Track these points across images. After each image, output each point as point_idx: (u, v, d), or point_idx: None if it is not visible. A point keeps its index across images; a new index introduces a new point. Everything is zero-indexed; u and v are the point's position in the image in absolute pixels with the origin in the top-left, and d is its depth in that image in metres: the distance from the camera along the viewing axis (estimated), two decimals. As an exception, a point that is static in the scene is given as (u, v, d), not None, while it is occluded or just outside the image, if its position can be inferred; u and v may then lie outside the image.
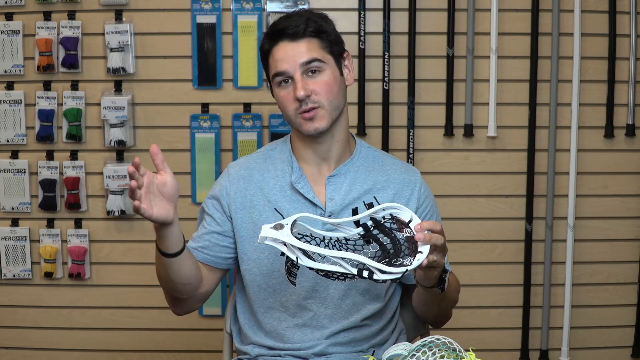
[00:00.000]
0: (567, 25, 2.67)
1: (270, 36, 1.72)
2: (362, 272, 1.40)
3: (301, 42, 1.69)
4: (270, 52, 1.72)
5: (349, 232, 1.52)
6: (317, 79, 1.69)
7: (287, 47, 1.69)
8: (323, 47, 1.71)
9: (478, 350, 1.43)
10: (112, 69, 2.65)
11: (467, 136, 2.71)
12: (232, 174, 1.80)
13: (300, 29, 1.69)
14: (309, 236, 1.50)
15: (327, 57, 1.71)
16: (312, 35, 1.70)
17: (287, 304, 1.74)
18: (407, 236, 1.45)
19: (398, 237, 1.47)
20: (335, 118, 1.72)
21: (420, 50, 2.68)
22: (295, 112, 1.69)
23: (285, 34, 1.69)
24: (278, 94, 1.72)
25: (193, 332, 2.74)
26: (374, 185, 1.77)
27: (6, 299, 2.78)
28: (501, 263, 2.76)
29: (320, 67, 1.69)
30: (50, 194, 2.69)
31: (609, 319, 2.79)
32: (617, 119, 2.71)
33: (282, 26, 1.70)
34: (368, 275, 1.39)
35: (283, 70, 1.69)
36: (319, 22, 1.72)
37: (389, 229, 1.49)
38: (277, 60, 1.70)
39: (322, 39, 1.71)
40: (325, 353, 1.73)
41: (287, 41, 1.69)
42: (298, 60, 1.68)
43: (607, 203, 2.76)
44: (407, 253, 1.44)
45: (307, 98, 1.67)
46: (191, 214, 2.71)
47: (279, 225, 1.44)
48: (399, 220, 1.47)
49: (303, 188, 1.74)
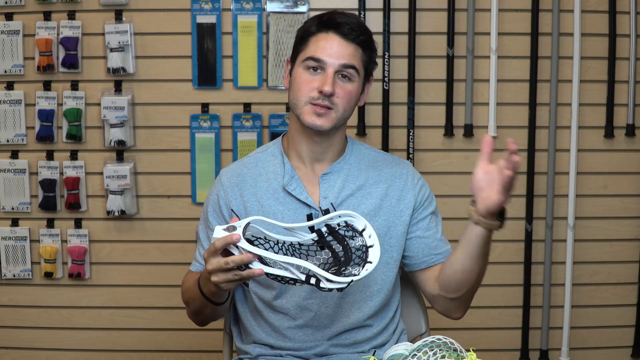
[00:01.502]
0: (567, 25, 2.67)
1: (324, 23, 1.71)
2: (310, 278, 1.40)
3: (351, 44, 1.70)
4: (316, 35, 1.71)
5: (302, 237, 1.52)
6: (345, 85, 1.70)
7: (336, 41, 1.69)
8: (363, 60, 1.73)
9: (478, 350, 1.43)
10: (112, 69, 2.65)
11: (467, 136, 2.71)
12: (224, 182, 1.79)
13: (356, 33, 1.70)
14: (263, 239, 1.50)
15: (361, 70, 1.73)
16: (361, 44, 1.71)
17: (288, 304, 1.74)
18: (359, 245, 1.46)
19: (350, 245, 1.48)
20: (339, 126, 1.74)
21: (420, 50, 2.68)
22: (310, 99, 1.69)
23: (340, 28, 1.70)
24: (301, 75, 1.71)
25: (193, 332, 2.74)
26: (366, 182, 1.78)
27: (6, 299, 2.78)
28: (501, 263, 2.76)
29: (353, 76, 1.71)
30: (50, 194, 2.69)
31: (609, 319, 2.79)
32: (617, 119, 2.71)
33: (340, 20, 1.70)
34: (315, 282, 1.39)
35: (322, 59, 1.68)
36: (371, 37, 1.75)
37: (342, 236, 1.49)
38: (321, 47, 1.69)
39: (366, 53, 1.73)
40: (327, 353, 1.73)
41: (339, 36, 1.69)
42: (340, 59, 1.69)
43: (607, 203, 2.76)
44: (357, 262, 1.45)
45: (329, 96, 1.68)
46: (191, 214, 2.71)
47: (232, 227, 1.43)
48: (353, 228, 1.48)
49: (295, 190, 1.74)
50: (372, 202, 1.75)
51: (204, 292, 1.64)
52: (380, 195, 1.76)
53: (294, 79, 1.73)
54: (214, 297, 1.64)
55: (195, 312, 1.77)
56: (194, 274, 1.77)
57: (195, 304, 1.72)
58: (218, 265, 1.45)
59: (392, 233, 1.76)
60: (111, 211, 2.69)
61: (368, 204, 1.74)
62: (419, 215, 1.80)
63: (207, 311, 1.73)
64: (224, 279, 1.46)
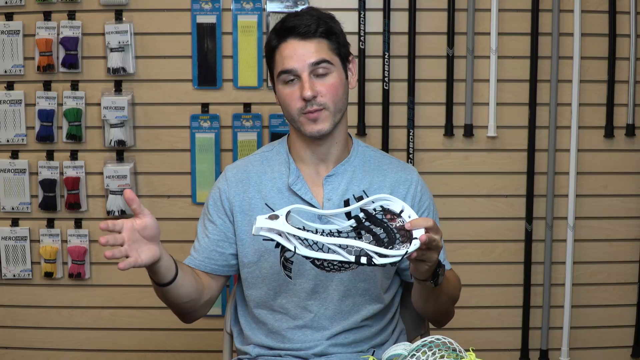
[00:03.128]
0: (567, 25, 2.67)
1: (280, 33, 1.70)
2: (360, 258, 1.38)
3: (311, 42, 1.67)
4: (278, 48, 1.70)
5: (341, 225, 1.51)
6: (325, 81, 1.68)
7: (296, 46, 1.67)
8: (332, 48, 1.70)
9: (478, 350, 1.43)
10: (112, 69, 2.65)
11: (467, 136, 2.71)
12: (229, 178, 1.79)
13: (312, 28, 1.67)
14: (302, 229, 1.49)
15: (335, 59, 1.70)
16: (322, 36, 1.68)
17: (288, 305, 1.74)
18: (399, 225, 1.44)
19: (391, 227, 1.46)
20: (337, 121, 1.72)
21: (420, 50, 2.68)
22: (299, 111, 1.68)
23: (295, 32, 1.67)
24: (282, 91, 1.70)
25: (193, 332, 2.74)
26: (371, 185, 1.76)
27: (6, 299, 2.78)
28: (501, 263, 2.76)
29: (328, 68, 1.68)
30: (50, 194, 2.69)
31: (609, 319, 2.79)
32: (617, 119, 2.71)
33: (292, 24, 1.68)
34: (367, 261, 1.37)
35: (291, 68, 1.67)
36: (330, 24, 1.71)
37: (380, 220, 1.48)
38: (285, 58, 1.67)
39: (332, 41, 1.70)
40: (326, 353, 1.73)
41: (297, 40, 1.67)
42: (307, 59, 1.66)
43: (607, 203, 2.76)
44: (401, 241, 1.43)
45: (313, 99, 1.66)
46: (191, 214, 2.71)
47: (274, 216, 1.43)
48: (390, 211, 1.47)
49: (300, 190, 1.74)
50: None
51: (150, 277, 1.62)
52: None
53: (279, 97, 1.72)
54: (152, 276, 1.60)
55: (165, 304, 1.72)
56: None
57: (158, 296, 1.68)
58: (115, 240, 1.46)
59: None
60: (111, 211, 2.69)
61: None
62: None
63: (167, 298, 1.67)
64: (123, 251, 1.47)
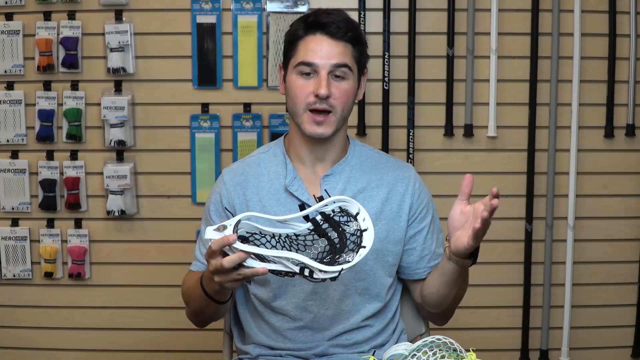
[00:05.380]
0: (567, 25, 2.67)
1: (310, 25, 1.69)
2: (303, 270, 1.39)
3: (339, 43, 1.67)
4: (304, 39, 1.69)
5: (297, 228, 1.51)
6: (340, 85, 1.68)
7: (324, 43, 1.67)
8: (354, 55, 1.70)
9: (478, 350, 1.43)
10: (112, 69, 2.65)
11: (467, 136, 2.71)
12: (227, 181, 1.78)
13: (343, 30, 1.67)
14: (258, 234, 1.49)
15: (354, 66, 1.70)
16: (350, 40, 1.69)
17: (288, 306, 1.74)
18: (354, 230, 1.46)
19: (345, 231, 1.48)
20: (340, 127, 1.72)
21: (420, 50, 2.68)
22: (307, 106, 1.67)
23: (326, 29, 1.67)
24: (295, 82, 1.69)
25: (193, 332, 2.74)
26: (368, 184, 1.76)
27: (6, 299, 2.78)
28: (501, 263, 2.76)
29: (346, 74, 1.68)
30: (50, 194, 2.69)
31: (609, 319, 2.79)
32: (617, 119, 2.71)
33: (326, 20, 1.67)
34: (308, 273, 1.39)
35: (313, 62, 1.66)
36: (359, 30, 1.72)
37: (337, 222, 1.49)
38: (310, 51, 1.67)
39: (356, 49, 1.71)
40: (327, 353, 1.73)
41: (327, 37, 1.67)
42: (331, 59, 1.66)
43: (607, 203, 2.76)
44: (351, 248, 1.45)
45: (326, 98, 1.66)
46: (191, 214, 2.71)
47: (222, 227, 1.41)
48: (348, 212, 1.48)
49: (297, 191, 1.73)
50: (373, 206, 1.74)
51: (207, 291, 1.63)
52: (381, 199, 1.75)
53: (288, 86, 1.71)
54: (217, 296, 1.63)
55: (196, 312, 1.77)
56: (195, 274, 1.76)
57: (197, 303, 1.71)
58: (216, 267, 1.44)
59: (391, 238, 1.75)
60: (111, 211, 2.69)
61: (369, 207, 1.72)
62: (416, 226, 1.78)
63: (208, 310, 1.72)
64: (227, 279, 1.46)
